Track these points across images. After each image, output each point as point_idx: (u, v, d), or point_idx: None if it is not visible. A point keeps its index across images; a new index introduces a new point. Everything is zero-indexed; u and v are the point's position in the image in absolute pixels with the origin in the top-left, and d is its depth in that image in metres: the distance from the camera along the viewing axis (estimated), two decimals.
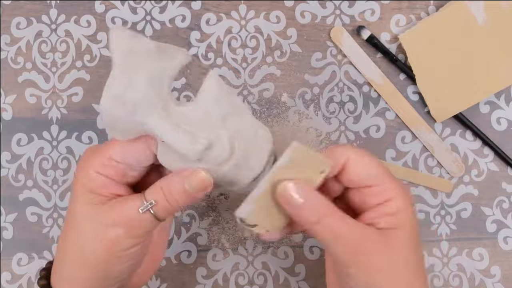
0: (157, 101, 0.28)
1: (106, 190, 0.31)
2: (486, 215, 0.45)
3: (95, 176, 0.31)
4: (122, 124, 0.29)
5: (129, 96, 0.28)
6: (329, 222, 0.29)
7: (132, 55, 0.28)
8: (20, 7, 0.48)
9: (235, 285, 0.45)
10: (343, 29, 0.46)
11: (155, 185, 0.31)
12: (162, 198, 0.30)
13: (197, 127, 0.29)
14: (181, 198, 0.30)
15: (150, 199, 0.30)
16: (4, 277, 0.46)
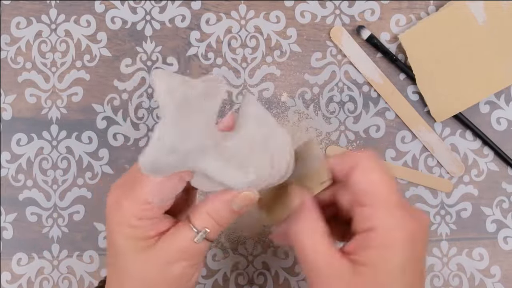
0: (209, 143, 0.27)
1: (153, 232, 0.30)
2: (486, 215, 0.45)
3: (138, 223, 0.30)
4: (168, 170, 0.27)
5: (184, 146, 0.26)
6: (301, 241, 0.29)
7: (185, 103, 0.26)
8: (20, 7, 0.48)
9: (235, 285, 0.45)
10: (342, 29, 0.46)
11: (200, 212, 0.30)
12: (213, 224, 0.30)
13: (245, 155, 0.28)
14: (231, 218, 0.31)
15: (200, 227, 0.30)
16: (4, 277, 0.46)
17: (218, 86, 0.27)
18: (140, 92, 0.47)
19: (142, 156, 0.25)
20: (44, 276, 0.46)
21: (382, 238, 0.27)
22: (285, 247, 0.45)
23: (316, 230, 0.29)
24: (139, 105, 0.47)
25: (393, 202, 0.28)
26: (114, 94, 0.47)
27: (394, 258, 0.27)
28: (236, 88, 0.47)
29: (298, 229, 0.29)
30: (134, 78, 0.47)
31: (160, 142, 0.25)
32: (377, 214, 0.28)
